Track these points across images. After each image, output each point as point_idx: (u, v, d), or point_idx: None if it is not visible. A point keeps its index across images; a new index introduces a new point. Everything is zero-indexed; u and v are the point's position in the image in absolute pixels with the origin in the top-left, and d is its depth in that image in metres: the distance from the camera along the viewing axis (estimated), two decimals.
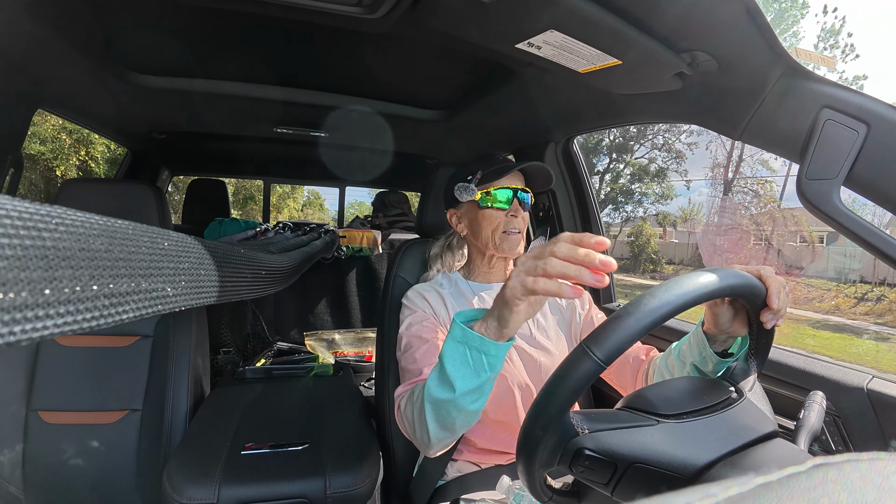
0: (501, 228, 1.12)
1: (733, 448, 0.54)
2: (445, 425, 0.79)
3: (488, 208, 1.13)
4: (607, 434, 0.55)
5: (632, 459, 0.54)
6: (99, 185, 1.45)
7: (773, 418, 0.62)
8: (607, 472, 0.55)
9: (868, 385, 0.83)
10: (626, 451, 0.54)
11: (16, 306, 0.25)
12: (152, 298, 0.39)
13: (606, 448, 0.54)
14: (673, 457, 0.53)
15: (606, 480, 0.55)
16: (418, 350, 1.01)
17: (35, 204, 0.28)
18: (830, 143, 0.75)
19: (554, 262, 0.58)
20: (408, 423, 0.88)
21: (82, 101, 1.60)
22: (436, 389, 0.76)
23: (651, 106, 1.12)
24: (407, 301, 1.15)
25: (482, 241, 1.15)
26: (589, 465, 0.55)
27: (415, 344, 1.03)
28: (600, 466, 0.55)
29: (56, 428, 1.28)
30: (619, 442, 0.55)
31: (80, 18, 1.07)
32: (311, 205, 23.94)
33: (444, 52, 1.21)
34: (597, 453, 0.54)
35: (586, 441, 0.55)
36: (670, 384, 0.67)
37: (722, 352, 0.79)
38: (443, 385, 0.75)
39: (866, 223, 0.73)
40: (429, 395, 0.78)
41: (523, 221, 1.15)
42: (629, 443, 0.55)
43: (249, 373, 1.73)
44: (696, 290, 0.56)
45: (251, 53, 1.33)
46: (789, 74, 0.79)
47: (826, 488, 0.19)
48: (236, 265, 0.73)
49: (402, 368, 1.04)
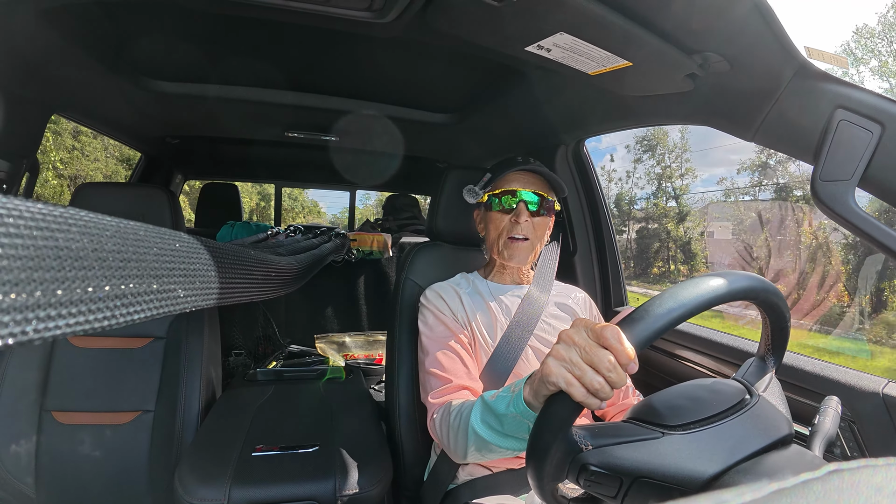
0: (506, 234, 1.11)
1: (742, 457, 0.53)
2: (483, 454, 0.86)
3: (494, 211, 1.14)
4: (611, 449, 0.55)
5: (636, 474, 0.53)
6: (113, 188, 1.47)
7: (790, 418, 0.61)
8: (613, 487, 0.54)
9: (884, 390, 0.82)
10: (630, 465, 0.54)
11: (28, 306, 0.25)
12: (163, 299, 0.39)
13: (610, 463, 0.54)
14: (678, 470, 0.52)
15: (614, 494, 0.55)
16: (444, 356, 1.04)
17: (49, 205, 0.28)
18: (845, 144, 0.74)
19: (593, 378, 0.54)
20: (443, 436, 0.93)
21: (97, 106, 1.62)
22: (483, 431, 0.81)
23: (662, 107, 1.11)
24: (425, 301, 1.16)
25: (490, 244, 1.16)
26: (595, 479, 0.54)
27: (439, 350, 1.05)
28: (606, 481, 0.54)
29: (69, 428, 1.29)
30: (623, 456, 0.54)
31: (95, 24, 1.09)
32: (310, 212, 24.85)
33: (454, 56, 1.22)
34: (601, 468, 0.54)
35: (590, 457, 0.54)
36: (680, 390, 0.65)
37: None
38: (491, 430, 0.79)
39: (882, 225, 0.72)
40: (473, 432, 0.83)
41: (533, 226, 1.11)
42: (633, 457, 0.54)
43: (261, 375, 1.74)
44: (711, 292, 0.55)
45: (263, 58, 1.35)
46: (802, 74, 0.78)
47: (841, 495, 0.19)
48: (247, 267, 0.73)
49: (429, 372, 1.05)
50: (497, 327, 1.10)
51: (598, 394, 0.54)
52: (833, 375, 0.90)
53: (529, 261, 1.15)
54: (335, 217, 21.09)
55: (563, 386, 0.56)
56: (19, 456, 1.26)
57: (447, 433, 0.91)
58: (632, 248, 22.60)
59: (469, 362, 1.05)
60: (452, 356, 1.04)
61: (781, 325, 0.66)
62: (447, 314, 1.11)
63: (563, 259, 1.57)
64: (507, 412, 0.74)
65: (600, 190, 1.67)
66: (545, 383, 0.59)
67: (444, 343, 1.05)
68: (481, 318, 1.11)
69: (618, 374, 0.54)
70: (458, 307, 1.13)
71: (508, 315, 1.12)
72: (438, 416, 0.96)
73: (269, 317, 2.54)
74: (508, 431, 0.76)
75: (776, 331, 0.67)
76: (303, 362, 2.25)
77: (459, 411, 0.90)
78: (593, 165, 1.69)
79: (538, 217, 1.12)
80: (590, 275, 1.66)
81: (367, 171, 2.78)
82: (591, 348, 0.55)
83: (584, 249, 1.67)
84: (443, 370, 1.02)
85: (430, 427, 0.99)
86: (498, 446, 0.79)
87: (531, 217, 1.11)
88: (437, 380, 1.02)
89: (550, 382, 0.57)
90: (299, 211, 23.55)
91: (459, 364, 1.04)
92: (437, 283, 1.22)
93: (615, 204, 23.79)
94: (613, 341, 0.53)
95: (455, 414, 0.90)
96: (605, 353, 0.54)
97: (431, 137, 2.01)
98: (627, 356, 0.53)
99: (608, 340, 0.54)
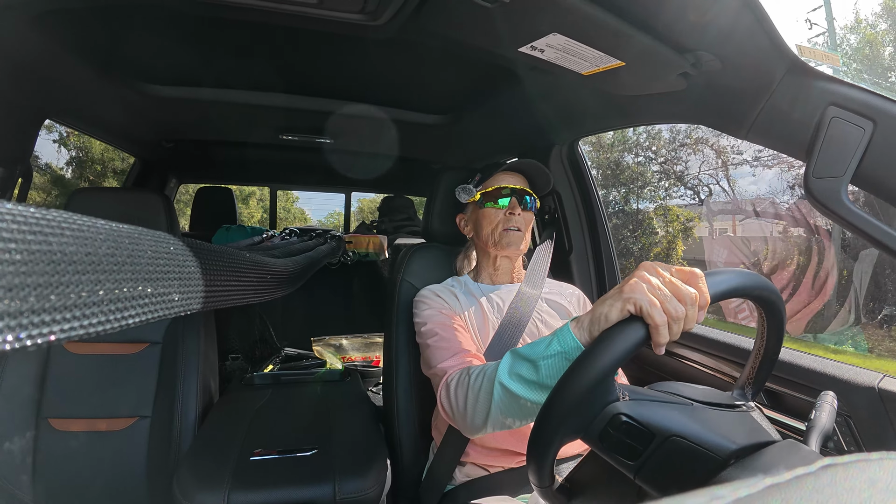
0: (502, 226, 1.16)
1: (760, 441, 0.53)
2: (506, 417, 0.78)
3: (487, 207, 1.18)
4: (647, 404, 0.54)
5: (671, 433, 0.52)
6: (108, 193, 1.47)
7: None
8: (641, 445, 0.52)
9: (879, 384, 0.82)
10: (666, 422, 0.52)
11: (22, 311, 0.25)
12: (158, 303, 0.39)
13: (646, 418, 0.52)
14: (711, 436, 0.52)
15: (637, 455, 0.52)
16: (450, 332, 1.04)
17: (42, 209, 0.28)
18: (837, 141, 0.74)
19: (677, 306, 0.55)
20: (459, 401, 0.86)
21: (91, 111, 1.62)
22: (513, 384, 0.74)
23: (656, 107, 1.12)
24: (422, 298, 1.18)
25: (483, 240, 1.19)
26: (623, 434, 0.52)
27: (443, 329, 1.05)
28: (635, 438, 0.52)
29: (66, 435, 1.28)
30: (659, 412, 0.53)
31: (89, 29, 1.08)
32: (295, 219, 25.22)
33: (448, 57, 1.22)
34: (636, 421, 0.52)
35: (626, 407, 0.53)
36: (686, 384, 0.66)
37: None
38: (527, 385, 0.72)
39: (875, 221, 0.72)
40: (500, 388, 0.76)
41: (524, 220, 1.18)
42: (669, 415, 0.53)
43: (258, 379, 1.74)
44: (736, 280, 0.57)
45: (257, 61, 1.34)
46: (794, 72, 0.78)
47: (835, 489, 0.19)
48: (242, 269, 0.73)
49: (435, 347, 1.03)
50: (489, 327, 1.11)
51: (674, 325, 0.54)
52: (828, 370, 0.90)
53: (522, 250, 1.19)
54: (320, 222, 21.25)
55: (646, 306, 0.54)
56: (16, 463, 1.25)
57: (465, 397, 0.84)
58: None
59: (475, 341, 1.07)
60: (460, 331, 1.05)
61: (776, 335, 0.66)
62: (445, 306, 1.13)
63: (558, 259, 1.57)
64: (546, 353, 0.69)
65: (595, 189, 1.67)
66: (623, 301, 0.56)
67: (447, 324, 1.07)
68: (473, 316, 1.13)
69: (694, 312, 0.55)
70: (454, 302, 1.15)
71: (500, 314, 1.13)
72: (455, 380, 0.89)
73: (265, 320, 2.53)
74: (544, 379, 0.69)
75: (770, 340, 0.67)
76: (300, 365, 2.24)
77: (482, 371, 0.83)
78: (587, 165, 1.69)
79: (526, 212, 1.19)
80: (586, 274, 1.66)
81: (362, 173, 2.78)
82: (677, 281, 0.57)
83: (580, 249, 1.67)
84: (451, 342, 1.01)
85: (441, 395, 0.92)
86: (529, 400, 0.72)
87: (522, 211, 1.18)
88: (446, 351, 0.99)
89: (631, 300, 0.55)
90: (291, 221, 23.94)
91: (468, 340, 1.05)
92: (433, 285, 1.23)
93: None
94: (700, 281, 0.56)
95: (477, 374, 0.84)
96: (689, 288, 0.56)
97: (426, 139, 2.01)
98: (706, 299, 0.55)
99: (695, 278, 0.56)
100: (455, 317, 1.10)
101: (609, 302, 0.58)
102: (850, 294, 5.71)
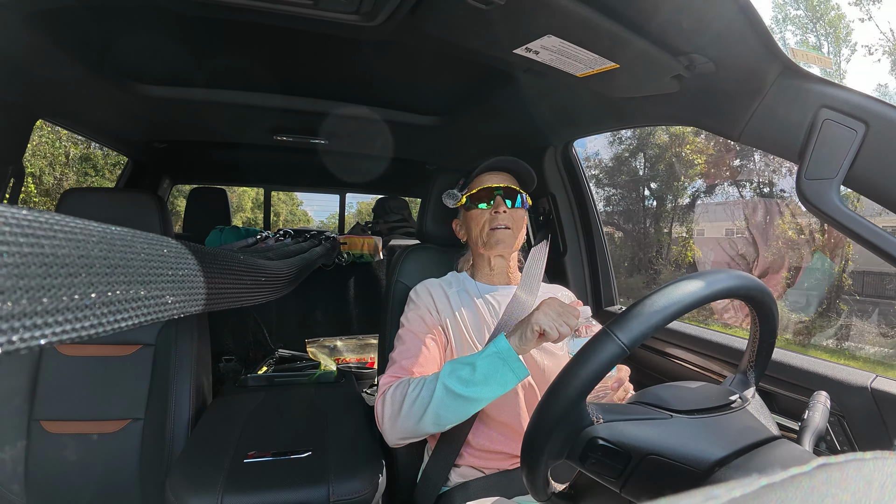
0: (488, 226, 1.17)
1: (746, 445, 0.53)
2: (441, 415, 0.90)
3: (473, 209, 1.19)
4: (622, 424, 0.54)
5: (647, 451, 0.53)
6: (100, 194, 1.46)
7: (775, 427, 0.61)
8: (620, 465, 0.53)
9: (872, 384, 0.83)
10: (641, 442, 0.53)
11: (14, 315, 0.25)
12: (152, 306, 0.38)
13: (621, 438, 0.53)
14: (688, 449, 0.52)
15: (618, 474, 0.53)
16: (414, 348, 1.08)
17: (34, 211, 0.28)
18: (829, 143, 0.75)
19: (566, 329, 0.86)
20: (394, 405, 0.95)
21: (83, 111, 1.60)
22: (452, 384, 0.89)
23: (649, 109, 1.12)
24: (414, 295, 1.20)
25: (474, 242, 1.21)
26: (602, 456, 0.53)
27: (412, 340, 1.10)
28: (613, 458, 0.53)
29: (58, 437, 1.27)
30: (634, 433, 0.54)
31: (80, 28, 1.08)
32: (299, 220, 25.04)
33: (443, 59, 1.22)
34: (611, 444, 0.53)
35: (601, 430, 0.53)
36: (678, 385, 0.66)
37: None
38: (465, 383, 0.88)
39: (867, 222, 0.73)
40: (441, 389, 0.89)
41: (512, 217, 1.17)
42: (644, 434, 0.54)
43: (252, 380, 1.73)
44: (719, 285, 0.56)
45: (250, 62, 1.34)
46: (787, 75, 0.79)
47: (829, 488, 0.19)
48: (236, 272, 0.73)
49: (393, 358, 1.09)
50: (485, 327, 1.12)
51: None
52: (821, 370, 0.91)
53: (514, 248, 1.20)
54: (322, 223, 21.19)
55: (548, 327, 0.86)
56: (7, 466, 1.23)
57: (400, 402, 0.94)
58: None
59: (437, 361, 1.09)
60: (426, 348, 1.08)
61: (770, 326, 0.67)
62: (430, 312, 1.14)
63: (553, 260, 1.57)
64: (482, 355, 0.89)
65: (589, 190, 1.68)
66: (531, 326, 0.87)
67: (419, 337, 1.10)
68: (469, 316, 1.13)
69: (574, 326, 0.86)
70: (443, 305, 1.15)
71: (496, 315, 1.14)
72: (393, 388, 0.99)
73: (259, 322, 2.52)
74: (481, 377, 0.87)
75: (762, 345, 0.68)
76: (294, 367, 2.23)
77: (422, 380, 0.95)
78: (582, 166, 1.69)
79: (514, 209, 1.19)
80: (580, 275, 1.67)
81: (357, 173, 2.77)
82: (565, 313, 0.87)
83: (574, 250, 1.67)
84: (409, 361, 1.05)
85: (379, 403, 1.00)
86: (464, 395, 0.87)
87: (508, 209, 1.17)
88: (400, 368, 1.05)
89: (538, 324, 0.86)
90: (297, 223, 23.72)
91: (430, 358, 1.08)
92: (429, 279, 1.24)
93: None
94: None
95: (416, 383, 0.95)
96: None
97: (421, 140, 2.01)
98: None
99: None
100: (435, 328, 1.12)
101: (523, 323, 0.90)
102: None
